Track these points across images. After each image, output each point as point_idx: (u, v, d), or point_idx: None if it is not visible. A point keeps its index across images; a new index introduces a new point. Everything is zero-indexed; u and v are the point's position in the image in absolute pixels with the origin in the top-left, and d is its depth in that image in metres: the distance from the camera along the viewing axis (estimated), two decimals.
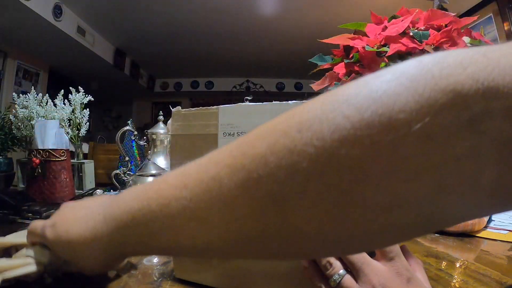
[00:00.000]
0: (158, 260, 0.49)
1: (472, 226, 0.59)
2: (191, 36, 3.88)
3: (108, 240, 0.26)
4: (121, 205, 0.25)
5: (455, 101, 0.14)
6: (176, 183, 0.22)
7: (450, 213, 0.17)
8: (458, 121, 0.14)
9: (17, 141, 1.05)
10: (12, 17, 2.66)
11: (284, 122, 0.19)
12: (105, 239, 0.26)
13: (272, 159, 0.17)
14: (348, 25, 0.95)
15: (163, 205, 0.22)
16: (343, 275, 0.30)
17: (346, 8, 3.05)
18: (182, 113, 0.39)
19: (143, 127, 4.86)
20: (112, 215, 0.26)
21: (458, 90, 0.14)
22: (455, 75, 0.15)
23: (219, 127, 0.37)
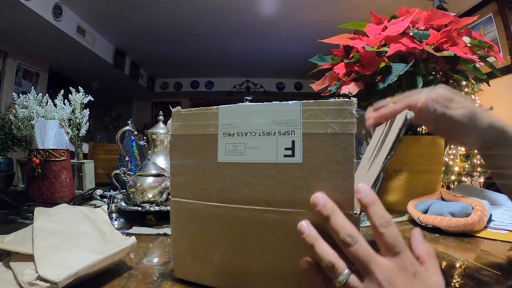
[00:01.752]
0: (158, 260, 0.49)
1: (472, 226, 0.59)
2: (191, 36, 3.88)
3: None
4: None
5: None
6: None
7: None
8: None
9: (17, 141, 1.05)
10: (12, 17, 2.66)
11: None
12: None
13: None
14: (348, 25, 0.95)
15: None
16: (348, 275, 0.29)
17: (346, 8, 3.05)
18: (182, 113, 0.39)
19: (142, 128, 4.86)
20: None
21: None
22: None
23: (219, 127, 0.36)
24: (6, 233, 0.42)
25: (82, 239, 0.42)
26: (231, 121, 0.36)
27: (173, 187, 0.40)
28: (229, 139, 0.36)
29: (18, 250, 0.38)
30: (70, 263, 0.36)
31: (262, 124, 0.34)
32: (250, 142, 0.35)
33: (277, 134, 0.34)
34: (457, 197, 0.70)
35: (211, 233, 0.38)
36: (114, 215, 0.64)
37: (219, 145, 0.36)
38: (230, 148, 0.36)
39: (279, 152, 0.33)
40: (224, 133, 0.36)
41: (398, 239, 0.29)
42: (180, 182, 0.39)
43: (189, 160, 0.38)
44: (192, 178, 0.38)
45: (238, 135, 0.35)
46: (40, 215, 0.45)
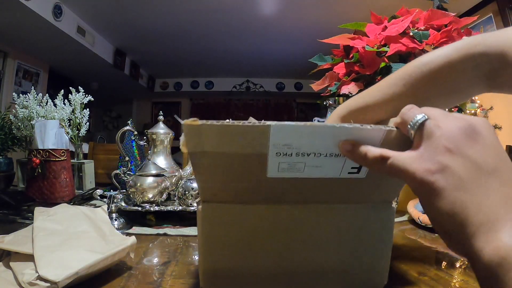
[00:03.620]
0: (158, 260, 0.49)
1: None
2: (191, 36, 3.88)
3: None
4: None
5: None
6: None
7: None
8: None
9: (17, 141, 1.05)
10: (12, 17, 2.66)
11: None
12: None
13: None
14: (348, 25, 0.95)
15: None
16: (426, 117, 0.26)
17: (346, 8, 3.05)
18: (204, 127, 0.28)
19: (142, 128, 4.86)
20: None
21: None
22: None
23: (270, 148, 0.29)
24: (6, 233, 0.42)
25: (82, 239, 0.42)
26: (287, 142, 0.29)
27: (204, 190, 0.34)
28: (285, 159, 0.30)
29: (18, 250, 0.38)
30: (70, 263, 0.36)
31: (330, 146, 0.29)
32: (312, 161, 0.30)
33: (343, 156, 0.30)
34: None
35: (255, 237, 0.35)
36: (114, 215, 0.64)
37: (270, 162, 0.30)
38: (284, 166, 0.30)
39: (344, 170, 0.31)
40: (277, 153, 0.29)
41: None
42: (214, 186, 0.33)
43: (225, 176, 0.32)
44: (232, 185, 0.33)
45: (298, 155, 0.30)
46: (40, 215, 0.45)
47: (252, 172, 0.31)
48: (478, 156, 0.23)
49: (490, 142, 0.24)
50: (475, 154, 0.23)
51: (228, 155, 0.30)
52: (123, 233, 0.54)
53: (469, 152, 0.23)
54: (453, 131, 0.24)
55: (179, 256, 0.51)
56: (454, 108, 0.97)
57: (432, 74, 0.44)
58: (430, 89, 0.45)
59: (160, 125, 0.86)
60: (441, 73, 0.44)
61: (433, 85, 0.45)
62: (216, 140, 0.28)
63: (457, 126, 0.24)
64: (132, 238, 0.44)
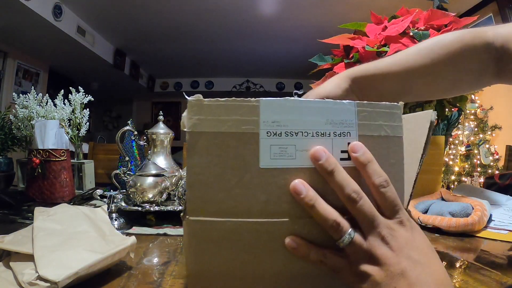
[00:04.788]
0: (158, 260, 0.49)
1: (472, 226, 0.59)
2: (191, 36, 3.88)
3: None
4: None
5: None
6: None
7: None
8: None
9: (17, 141, 1.05)
10: (12, 17, 2.66)
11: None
12: None
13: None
14: (348, 25, 0.95)
15: None
16: (353, 233, 0.29)
17: (346, 8, 3.05)
18: (205, 103, 0.30)
19: (142, 128, 4.86)
20: None
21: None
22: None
23: (260, 125, 0.30)
24: (6, 233, 0.42)
25: (82, 239, 0.42)
26: (276, 118, 0.30)
27: (192, 203, 0.30)
28: (275, 140, 0.30)
29: (18, 250, 0.38)
30: (70, 263, 0.36)
31: (316, 123, 0.30)
32: (302, 143, 0.30)
33: (332, 135, 0.30)
34: (457, 197, 0.70)
35: (249, 255, 0.31)
36: (114, 215, 0.64)
37: (262, 147, 0.30)
38: (276, 151, 0.30)
39: (335, 155, 0.30)
40: (268, 132, 0.30)
41: (397, 197, 0.30)
42: (203, 196, 0.30)
43: (218, 166, 0.30)
44: (224, 189, 0.30)
45: (287, 135, 0.30)
46: (40, 215, 0.45)
47: (245, 160, 0.30)
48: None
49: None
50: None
51: (224, 135, 0.30)
52: (123, 233, 0.54)
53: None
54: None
55: (179, 256, 0.51)
56: (454, 108, 0.97)
57: (446, 49, 0.48)
58: (446, 66, 0.49)
59: (160, 125, 0.86)
60: (455, 49, 0.48)
61: (448, 61, 0.48)
62: (214, 119, 0.30)
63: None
64: (132, 238, 0.44)
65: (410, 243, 0.29)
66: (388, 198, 0.29)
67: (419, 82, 0.52)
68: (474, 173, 3.05)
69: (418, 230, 0.30)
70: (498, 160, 3.08)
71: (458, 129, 3.20)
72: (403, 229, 0.29)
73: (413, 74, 0.50)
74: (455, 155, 3.19)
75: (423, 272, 0.28)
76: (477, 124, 3.21)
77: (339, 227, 0.29)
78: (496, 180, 0.97)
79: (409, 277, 0.27)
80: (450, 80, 0.51)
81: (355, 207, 0.29)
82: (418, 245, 0.29)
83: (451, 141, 3.18)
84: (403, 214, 0.30)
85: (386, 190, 0.29)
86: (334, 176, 0.29)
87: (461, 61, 0.48)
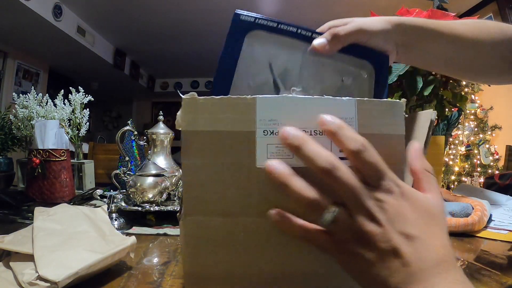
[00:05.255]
0: (158, 260, 0.49)
1: (472, 226, 0.59)
2: (191, 36, 3.88)
3: None
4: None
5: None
6: None
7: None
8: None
9: (17, 141, 1.05)
10: (12, 17, 2.66)
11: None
12: None
13: None
14: None
15: None
16: (336, 210, 0.26)
17: (346, 8, 3.06)
18: (200, 101, 0.29)
19: (142, 128, 4.85)
20: None
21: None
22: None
23: (257, 123, 0.29)
24: (6, 233, 0.42)
25: (82, 239, 0.42)
26: (273, 115, 0.29)
27: (188, 203, 0.30)
28: (272, 139, 0.29)
29: (18, 250, 0.38)
30: (70, 263, 0.36)
31: (314, 121, 0.28)
32: None
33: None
34: (457, 197, 0.70)
35: (247, 254, 0.31)
36: (114, 215, 0.64)
37: (258, 146, 0.29)
38: (273, 150, 0.29)
39: (335, 154, 0.29)
40: (264, 131, 0.29)
41: (379, 161, 0.26)
42: (199, 195, 0.30)
43: (214, 165, 0.30)
44: (220, 189, 0.30)
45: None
46: (40, 215, 0.45)
47: (240, 159, 0.29)
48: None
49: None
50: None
51: (220, 133, 0.29)
52: (123, 233, 0.54)
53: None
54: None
55: (179, 256, 0.51)
56: (454, 108, 0.97)
57: (487, 30, 0.50)
58: (486, 47, 0.50)
59: (160, 125, 0.86)
60: (495, 32, 0.51)
61: (488, 42, 0.51)
62: (209, 117, 0.29)
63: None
64: (132, 238, 0.44)
65: (403, 214, 0.26)
66: (369, 164, 0.26)
67: (462, 54, 0.50)
68: (474, 173, 3.06)
69: (412, 195, 0.27)
70: (498, 160, 3.08)
71: (458, 129, 3.20)
72: (392, 198, 0.26)
73: (460, 43, 0.48)
74: (455, 155, 3.19)
75: (420, 248, 0.25)
76: (477, 124, 3.22)
77: (318, 204, 0.26)
78: (496, 180, 0.97)
79: (402, 256, 0.24)
80: (486, 62, 0.53)
81: (332, 179, 0.25)
82: (412, 215, 0.26)
83: (451, 141, 3.18)
84: (390, 180, 0.26)
85: (365, 155, 0.25)
86: (302, 150, 0.26)
87: (499, 46, 0.49)
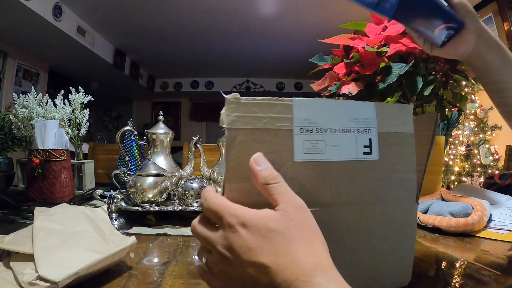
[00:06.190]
0: (158, 260, 0.49)
1: (472, 226, 0.59)
2: (191, 36, 3.88)
3: None
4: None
5: None
6: None
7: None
8: None
9: (17, 141, 1.05)
10: (12, 17, 2.66)
11: None
12: None
13: None
14: (348, 25, 0.95)
15: None
16: (206, 256, 0.30)
17: (346, 8, 3.05)
18: (242, 101, 0.31)
19: (142, 128, 4.86)
20: None
21: None
22: None
23: (294, 122, 0.32)
24: (6, 233, 0.42)
25: (82, 239, 0.42)
26: (308, 115, 0.33)
27: (230, 194, 0.32)
28: (308, 136, 0.33)
29: (18, 250, 0.38)
30: (70, 263, 0.36)
31: (341, 121, 0.34)
32: (330, 139, 0.33)
33: (356, 132, 0.34)
34: (457, 197, 0.70)
35: None
36: (114, 215, 0.64)
37: (296, 142, 0.32)
38: (309, 146, 0.33)
39: (358, 150, 0.34)
40: (301, 129, 0.32)
41: (215, 204, 0.29)
42: (242, 188, 0.32)
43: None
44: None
45: (317, 131, 0.33)
46: (40, 214, 0.45)
47: (280, 154, 0.32)
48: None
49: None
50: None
51: (260, 131, 0.32)
52: (123, 233, 0.54)
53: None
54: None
55: (179, 256, 0.51)
56: (454, 108, 0.97)
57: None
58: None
59: (160, 125, 0.86)
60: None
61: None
62: (250, 116, 0.31)
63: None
64: (132, 238, 0.44)
65: (247, 246, 0.26)
66: (208, 210, 0.30)
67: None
68: (474, 173, 3.06)
69: (251, 222, 0.27)
70: (498, 160, 3.08)
71: (458, 129, 3.20)
72: (234, 234, 0.27)
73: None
74: (455, 155, 3.19)
75: (272, 275, 0.25)
76: (477, 124, 3.22)
77: (202, 251, 0.31)
78: (496, 180, 0.97)
79: (264, 285, 0.26)
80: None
81: (195, 235, 0.31)
82: (255, 243, 0.26)
83: (451, 141, 3.18)
84: (229, 216, 0.28)
85: (204, 205, 0.30)
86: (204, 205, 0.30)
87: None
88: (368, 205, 0.35)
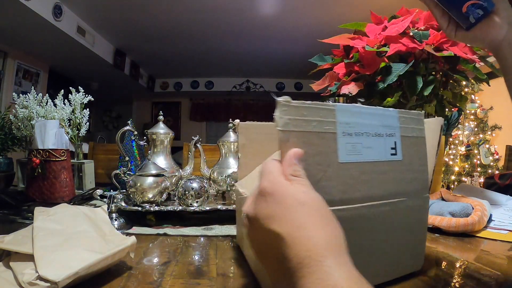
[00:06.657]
0: (158, 260, 0.49)
1: (472, 226, 0.59)
2: (191, 36, 3.87)
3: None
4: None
5: None
6: None
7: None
8: None
9: (17, 141, 1.05)
10: (12, 17, 2.66)
11: None
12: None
13: None
14: (348, 25, 0.95)
15: None
16: (244, 215, 0.31)
17: (346, 8, 3.05)
18: (293, 105, 0.33)
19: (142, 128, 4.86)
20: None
21: None
22: None
23: (337, 126, 0.35)
24: (6, 233, 0.42)
25: (82, 239, 0.42)
26: (348, 120, 0.36)
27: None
28: (348, 139, 0.36)
29: (18, 250, 0.38)
30: (70, 262, 0.36)
31: (374, 126, 0.38)
32: (365, 142, 0.37)
33: (385, 136, 0.39)
34: (457, 197, 0.70)
35: None
36: (114, 215, 0.64)
37: (339, 145, 0.35)
38: (349, 148, 0.36)
39: (387, 151, 0.39)
40: (343, 132, 0.35)
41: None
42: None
43: (305, 161, 0.33)
44: (311, 182, 0.32)
45: (356, 134, 0.36)
46: (40, 215, 0.45)
47: (328, 156, 0.35)
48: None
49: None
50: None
51: (309, 134, 0.34)
52: (123, 233, 0.54)
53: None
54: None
55: (179, 256, 0.51)
56: (454, 108, 0.97)
57: None
58: None
59: (160, 125, 0.86)
60: None
61: None
62: (301, 119, 0.33)
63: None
64: (132, 238, 0.44)
65: (268, 218, 0.28)
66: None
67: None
68: (474, 173, 3.06)
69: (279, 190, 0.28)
70: (498, 160, 3.08)
71: (458, 129, 3.20)
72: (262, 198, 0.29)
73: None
74: (455, 155, 3.19)
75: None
76: (477, 124, 3.22)
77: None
78: (496, 180, 0.97)
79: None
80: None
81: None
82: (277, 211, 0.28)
83: (451, 141, 3.18)
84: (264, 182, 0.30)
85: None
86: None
87: None
88: (395, 198, 0.40)
